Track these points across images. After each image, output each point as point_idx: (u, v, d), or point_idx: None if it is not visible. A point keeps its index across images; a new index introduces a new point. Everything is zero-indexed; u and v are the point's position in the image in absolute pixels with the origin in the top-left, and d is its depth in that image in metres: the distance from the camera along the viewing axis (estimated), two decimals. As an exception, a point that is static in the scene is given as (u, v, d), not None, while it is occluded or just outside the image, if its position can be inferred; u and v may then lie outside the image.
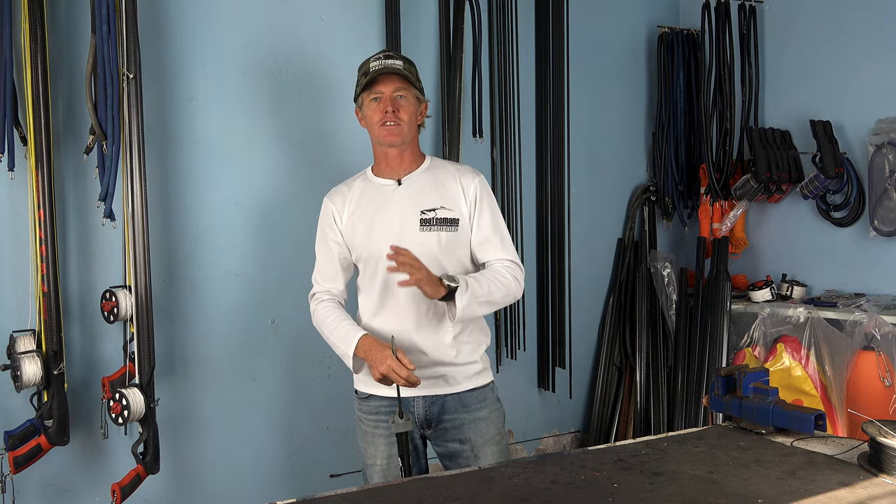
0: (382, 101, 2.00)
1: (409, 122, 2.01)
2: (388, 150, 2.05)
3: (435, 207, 2.01)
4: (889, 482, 1.37)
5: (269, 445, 2.78)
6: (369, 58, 2.05)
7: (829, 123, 3.08)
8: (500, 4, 3.23)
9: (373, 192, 2.08)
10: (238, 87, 2.70)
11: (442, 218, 2.01)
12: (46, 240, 2.20)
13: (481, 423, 2.04)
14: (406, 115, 2.00)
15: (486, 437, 2.04)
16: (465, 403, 2.04)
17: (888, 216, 2.93)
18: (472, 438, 2.03)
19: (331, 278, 2.13)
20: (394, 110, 1.99)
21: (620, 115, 3.73)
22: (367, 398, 2.07)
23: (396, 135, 2.00)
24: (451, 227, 2.02)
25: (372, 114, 2.02)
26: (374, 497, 1.41)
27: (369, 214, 2.05)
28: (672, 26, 3.71)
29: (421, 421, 2.04)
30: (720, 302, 3.32)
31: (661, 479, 1.43)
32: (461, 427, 2.03)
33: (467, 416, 2.03)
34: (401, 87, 2.01)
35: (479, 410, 2.05)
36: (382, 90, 2.00)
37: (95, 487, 2.45)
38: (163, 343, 2.53)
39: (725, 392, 1.77)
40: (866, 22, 3.07)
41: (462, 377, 2.04)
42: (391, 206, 2.04)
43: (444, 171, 2.08)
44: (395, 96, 2.00)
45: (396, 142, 2.02)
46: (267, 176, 2.77)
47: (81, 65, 2.34)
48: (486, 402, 2.07)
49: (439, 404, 2.03)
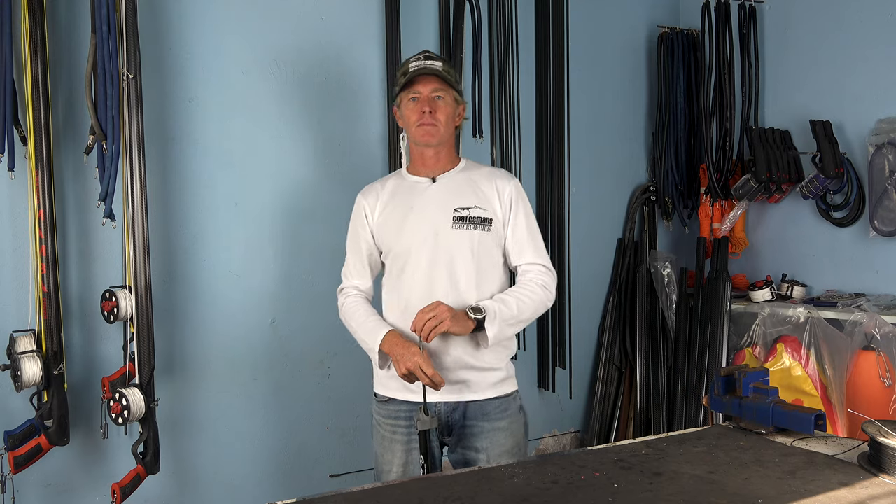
0: (420, 102, 2.01)
1: (445, 123, 2.02)
2: (424, 149, 2.06)
3: (469, 206, 2.01)
4: (889, 482, 1.37)
5: (269, 445, 2.78)
6: (409, 58, 2.06)
7: (829, 123, 3.08)
8: (500, 4, 3.23)
9: (406, 189, 2.09)
10: (238, 87, 2.70)
11: (475, 217, 2.01)
12: (46, 240, 2.20)
13: (500, 434, 2.01)
14: (443, 116, 2.01)
15: (504, 449, 2.00)
16: (486, 412, 2.01)
17: (888, 216, 2.93)
18: (488, 448, 2.00)
19: (359, 274, 2.13)
20: (431, 111, 1.99)
21: (620, 115, 3.73)
22: (386, 402, 2.05)
23: (433, 135, 2.01)
24: (484, 226, 2.01)
25: (409, 113, 2.03)
26: (373, 497, 1.41)
27: (402, 211, 2.05)
28: (672, 26, 3.71)
29: (441, 427, 2.02)
30: (720, 302, 3.32)
31: (661, 479, 1.43)
32: (479, 435, 2.00)
33: (487, 425, 2.01)
34: (439, 87, 2.01)
35: (499, 420, 2.02)
36: (420, 90, 2.01)
37: (95, 487, 2.45)
38: (163, 343, 2.53)
39: (725, 392, 1.77)
40: (866, 22, 3.08)
41: (485, 384, 2.01)
42: (424, 202, 2.04)
43: (479, 172, 2.09)
44: (433, 97, 2.01)
45: (432, 142, 2.03)
46: (267, 176, 2.77)
47: (81, 65, 2.34)
48: (508, 413, 2.03)
49: (461, 411, 2.01)
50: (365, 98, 2.96)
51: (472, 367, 1.99)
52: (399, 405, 2.02)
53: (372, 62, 2.97)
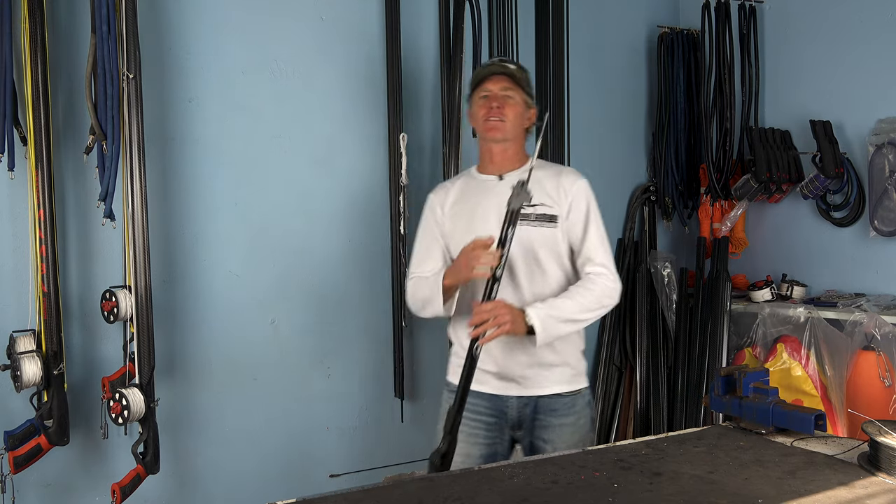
0: (489, 98, 2.06)
1: (513, 121, 2.06)
2: (492, 145, 2.10)
3: (535, 203, 2.02)
4: (889, 482, 1.37)
5: (269, 445, 2.78)
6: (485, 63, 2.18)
7: (829, 123, 3.08)
8: (500, 4, 3.23)
9: (474, 187, 2.14)
10: (238, 87, 2.70)
11: (541, 214, 2.03)
12: (46, 240, 2.20)
13: (567, 430, 2.07)
14: (511, 113, 2.06)
15: (570, 444, 2.03)
16: (554, 408, 2.07)
17: (888, 216, 2.93)
18: (554, 441, 2.06)
19: (428, 268, 2.14)
20: (498, 106, 2.04)
21: (620, 114, 3.73)
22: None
23: (499, 129, 2.05)
24: (550, 223, 2.04)
25: (478, 109, 2.09)
26: (374, 497, 1.41)
27: (470, 207, 2.10)
28: (672, 26, 3.71)
29: (513, 422, 2.08)
30: (720, 302, 3.32)
31: (661, 479, 1.43)
32: (547, 428, 2.07)
33: (554, 420, 2.06)
34: (508, 86, 2.06)
35: (566, 416, 2.07)
36: (490, 88, 2.07)
37: (95, 487, 2.45)
38: (163, 343, 2.53)
39: (725, 392, 1.77)
40: (866, 22, 3.07)
41: (554, 380, 2.07)
42: (492, 199, 2.06)
43: (546, 170, 2.11)
44: (502, 94, 2.06)
45: (498, 137, 2.06)
46: (267, 176, 2.76)
47: (81, 65, 2.34)
48: (575, 409, 2.09)
49: (532, 406, 2.07)
50: (365, 98, 2.95)
51: (543, 363, 2.04)
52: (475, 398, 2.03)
53: (372, 62, 2.97)
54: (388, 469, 2.99)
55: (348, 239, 2.93)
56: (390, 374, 3.02)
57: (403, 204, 2.93)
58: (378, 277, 2.99)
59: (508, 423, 2.09)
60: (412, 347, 3.05)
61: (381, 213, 2.98)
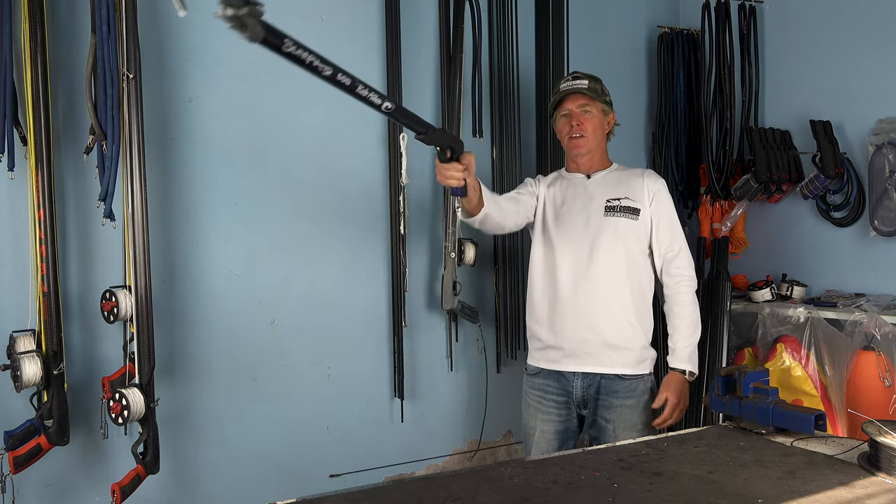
0: (569, 117, 2.38)
1: (592, 133, 2.38)
2: (576, 157, 2.42)
3: (620, 197, 2.33)
4: (889, 482, 1.37)
5: (269, 445, 2.78)
6: (562, 79, 2.46)
7: (829, 123, 3.08)
8: (500, 4, 3.23)
9: (566, 182, 2.45)
10: (238, 87, 2.70)
11: (625, 206, 2.31)
12: (46, 240, 2.20)
13: (627, 411, 2.27)
14: (590, 127, 2.37)
15: (630, 424, 2.26)
16: (615, 389, 2.28)
17: (888, 216, 2.93)
18: (615, 420, 2.26)
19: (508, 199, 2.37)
20: (578, 124, 2.36)
21: (620, 115, 3.70)
22: (536, 373, 2.39)
23: (581, 146, 2.38)
24: (633, 215, 2.31)
25: (561, 127, 2.42)
26: (374, 497, 1.41)
27: (560, 197, 2.41)
28: (672, 26, 3.71)
29: (578, 400, 2.32)
30: (720, 302, 3.32)
31: (661, 479, 1.43)
32: (609, 408, 2.27)
33: (616, 401, 2.27)
34: (585, 103, 2.37)
35: (628, 398, 2.28)
36: (569, 107, 2.39)
37: (95, 487, 2.45)
38: (163, 343, 2.53)
39: (725, 392, 1.77)
40: (866, 22, 3.07)
41: (618, 361, 2.28)
42: (580, 192, 2.39)
43: (630, 171, 2.44)
44: (580, 112, 2.37)
45: (582, 152, 2.39)
46: (267, 176, 2.77)
47: (81, 65, 2.34)
48: (636, 393, 2.29)
49: (595, 386, 2.29)
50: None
51: (609, 345, 2.27)
52: (546, 378, 2.35)
53: (372, 62, 2.97)
54: (388, 469, 3.00)
55: (348, 239, 2.93)
56: (390, 374, 3.02)
57: (403, 204, 2.93)
58: (378, 277, 2.99)
59: (574, 401, 2.32)
60: (412, 347, 3.05)
61: (381, 213, 2.99)
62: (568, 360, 2.30)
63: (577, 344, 2.29)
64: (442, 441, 3.17)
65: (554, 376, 2.34)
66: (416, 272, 3.06)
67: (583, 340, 2.28)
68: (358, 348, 2.97)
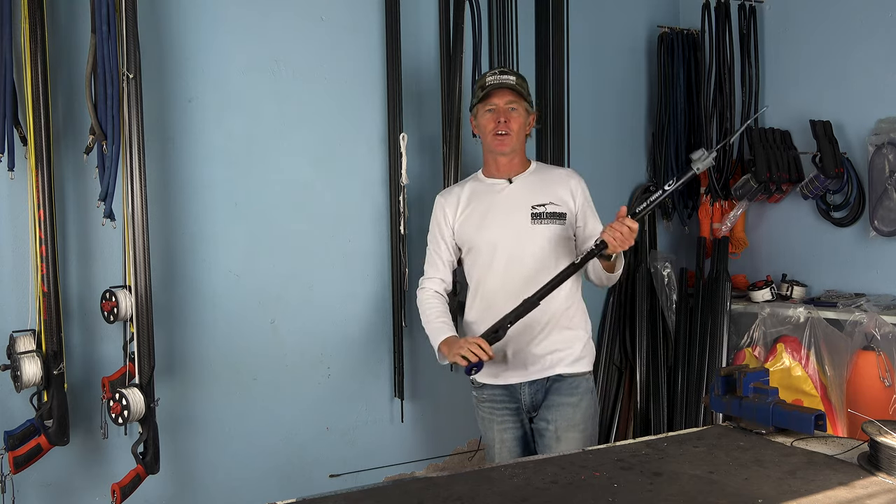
0: (496, 113, 2.26)
1: (517, 132, 2.28)
2: (498, 156, 2.31)
3: (544, 203, 2.26)
4: (888, 482, 1.37)
5: (269, 445, 2.78)
6: (486, 73, 2.35)
7: (829, 123, 3.08)
8: (500, 4, 3.23)
9: (484, 190, 2.34)
10: (238, 87, 2.70)
11: (552, 212, 2.25)
12: (46, 240, 2.20)
13: (568, 409, 2.22)
14: (516, 125, 2.27)
15: (571, 423, 2.21)
16: (557, 389, 2.24)
17: (888, 216, 2.93)
18: (556, 420, 2.21)
19: (439, 269, 2.37)
20: (505, 120, 2.25)
21: (620, 114, 3.73)
22: (481, 387, 2.33)
23: (507, 144, 2.27)
24: (559, 220, 2.26)
25: (486, 123, 2.29)
26: (374, 497, 1.41)
27: (481, 209, 2.30)
28: (672, 26, 3.71)
29: (528, 407, 2.27)
30: (720, 302, 3.32)
31: (661, 479, 1.43)
32: (551, 408, 2.23)
33: (557, 399, 2.23)
34: (512, 100, 2.27)
35: (570, 396, 2.23)
36: (496, 102, 2.27)
37: (95, 487, 2.45)
38: (163, 343, 2.53)
39: (725, 392, 1.77)
40: (866, 22, 3.07)
41: (557, 363, 2.23)
42: (503, 201, 2.29)
43: (550, 173, 2.37)
44: (507, 108, 2.27)
45: (506, 150, 2.28)
46: (267, 176, 2.76)
47: (81, 65, 2.34)
48: (579, 391, 2.24)
49: (543, 391, 2.25)
50: (365, 98, 2.96)
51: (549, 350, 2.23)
52: (493, 390, 2.29)
53: (372, 62, 2.97)
54: (388, 469, 3.00)
55: (348, 239, 2.93)
56: (390, 374, 3.02)
57: (403, 204, 2.93)
58: (378, 277, 2.99)
59: (525, 408, 2.27)
60: (412, 347, 3.05)
61: (381, 213, 2.99)
62: (509, 373, 2.25)
63: (515, 356, 2.23)
64: (442, 441, 3.17)
65: (500, 387, 2.29)
66: (416, 272, 3.06)
67: (521, 352, 2.22)
68: (358, 348, 2.97)
